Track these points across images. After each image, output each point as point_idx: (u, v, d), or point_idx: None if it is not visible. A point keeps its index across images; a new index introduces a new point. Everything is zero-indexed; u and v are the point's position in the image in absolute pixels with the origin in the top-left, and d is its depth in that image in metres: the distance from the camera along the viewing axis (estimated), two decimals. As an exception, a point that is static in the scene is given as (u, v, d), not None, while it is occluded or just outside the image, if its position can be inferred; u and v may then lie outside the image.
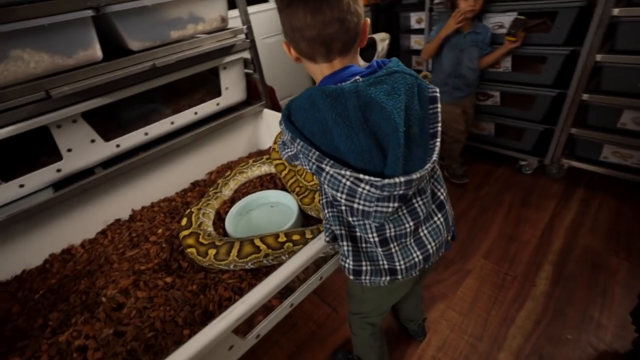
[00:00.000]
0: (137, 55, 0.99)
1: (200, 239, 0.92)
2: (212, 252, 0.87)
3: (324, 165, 0.56)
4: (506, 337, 1.17)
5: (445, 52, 1.68)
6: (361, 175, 0.55)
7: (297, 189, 1.11)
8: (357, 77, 0.59)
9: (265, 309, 0.76)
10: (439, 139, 0.61)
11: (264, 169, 1.31)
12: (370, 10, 2.30)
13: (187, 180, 1.35)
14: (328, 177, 0.58)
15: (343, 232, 0.67)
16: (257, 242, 0.87)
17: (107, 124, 1.10)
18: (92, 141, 1.04)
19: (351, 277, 0.70)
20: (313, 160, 0.57)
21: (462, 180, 1.93)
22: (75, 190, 1.02)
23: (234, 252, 0.86)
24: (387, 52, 1.79)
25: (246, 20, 1.22)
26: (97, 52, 0.95)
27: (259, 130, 1.52)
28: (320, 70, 0.64)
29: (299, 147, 0.58)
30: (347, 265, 0.69)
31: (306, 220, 1.06)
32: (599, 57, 1.43)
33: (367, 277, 0.69)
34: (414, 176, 0.55)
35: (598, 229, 1.55)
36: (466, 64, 1.67)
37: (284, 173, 1.18)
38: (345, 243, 0.68)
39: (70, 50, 0.90)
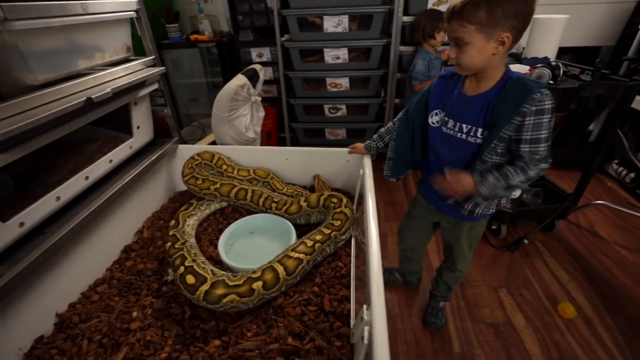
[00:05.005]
0: (64, 86, 0.73)
1: (230, 283, 0.81)
2: (257, 285, 0.80)
3: None
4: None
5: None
6: None
7: (274, 205, 1.13)
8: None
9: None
10: None
11: (214, 206, 1.20)
12: (215, 46, 2.39)
13: (116, 249, 1.02)
14: None
15: None
16: (294, 255, 0.88)
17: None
18: (-15, 226, 0.65)
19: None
20: None
21: None
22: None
23: (281, 273, 0.83)
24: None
25: (154, 50, 1.09)
26: (-14, 88, 0.63)
27: (174, 170, 1.33)
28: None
29: None
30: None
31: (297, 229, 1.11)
32: (398, 75, 2.24)
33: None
34: None
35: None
36: None
37: (249, 196, 1.16)
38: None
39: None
